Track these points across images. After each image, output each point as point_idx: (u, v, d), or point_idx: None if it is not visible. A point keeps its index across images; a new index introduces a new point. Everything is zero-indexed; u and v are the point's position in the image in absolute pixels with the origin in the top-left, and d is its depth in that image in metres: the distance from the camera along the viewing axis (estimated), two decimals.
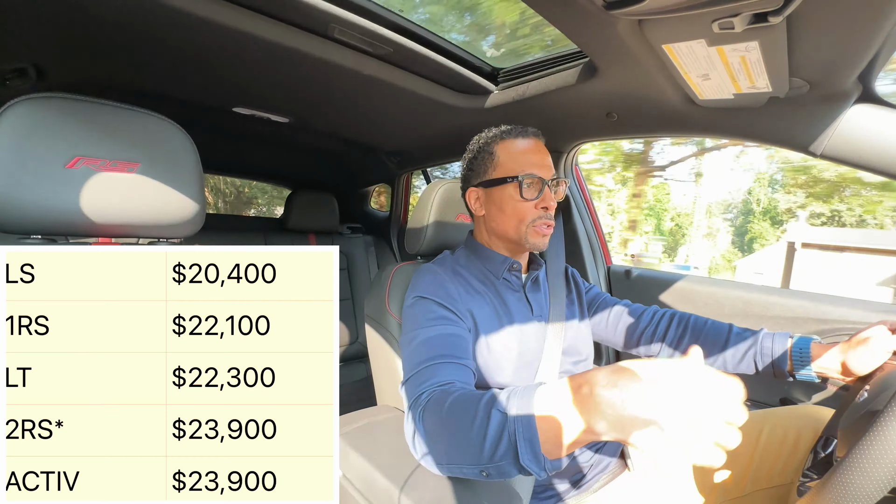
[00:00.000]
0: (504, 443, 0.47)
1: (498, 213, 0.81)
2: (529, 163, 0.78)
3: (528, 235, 0.79)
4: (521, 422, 0.46)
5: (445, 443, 0.53)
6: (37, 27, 0.82)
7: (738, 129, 0.91)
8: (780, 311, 1.01)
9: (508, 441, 0.46)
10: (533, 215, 0.78)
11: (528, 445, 0.45)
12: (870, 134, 0.73)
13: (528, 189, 0.77)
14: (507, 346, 0.75)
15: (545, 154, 0.81)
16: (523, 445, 0.45)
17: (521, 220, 0.79)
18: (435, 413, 0.56)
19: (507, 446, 0.46)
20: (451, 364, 0.64)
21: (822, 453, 0.56)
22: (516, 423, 0.46)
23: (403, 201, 2.14)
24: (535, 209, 0.78)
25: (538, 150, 0.81)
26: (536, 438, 0.45)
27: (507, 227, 0.81)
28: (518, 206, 0.78)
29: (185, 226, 0.71)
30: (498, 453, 0.47)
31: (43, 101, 0.59)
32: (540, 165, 0.79)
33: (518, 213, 0.79)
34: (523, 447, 0.45)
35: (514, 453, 0.46)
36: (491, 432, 0.48)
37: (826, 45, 0.60)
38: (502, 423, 0.47)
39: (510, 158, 0.80)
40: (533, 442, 0.45)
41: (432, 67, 1.01)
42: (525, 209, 0.78)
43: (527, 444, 0.45)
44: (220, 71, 1.02)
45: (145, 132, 0.66)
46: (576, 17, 0.65)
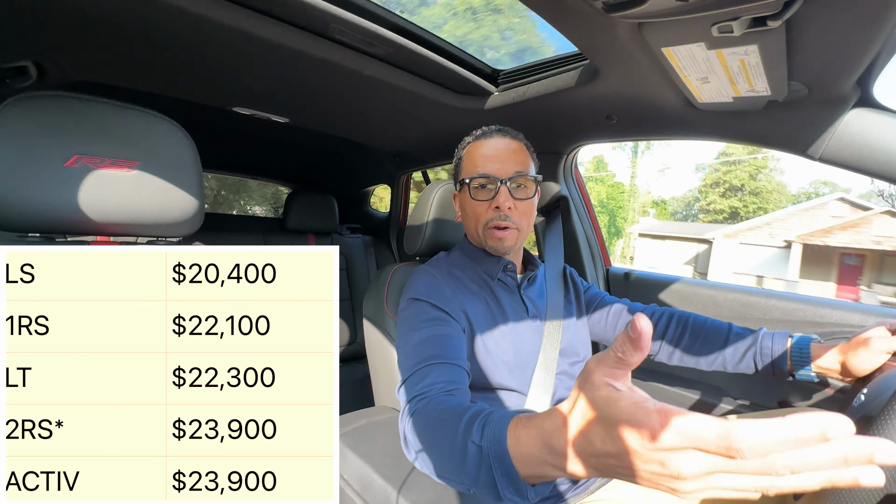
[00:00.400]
0: (484, 475, 0.45)
1: (463, 216, 0.84)
2: (484, 163, 0.78)
3: (487, 239, 0.80)
4: (497, 458, 0.43)
5: (430, 456, 0.53)
6: (37, 25, 0.82)
7: (736, 133, 0.91)
8: (779, 313, 1.02)
9: (488, 475, 0.44)
10: (486, 216, 0.78)
11: (507, 480, 0.43)
12: (868, 138, 0.73)
13: (479, 190, 0.78)
14: (501, 347, 0.75)
15: (510, 151, 0.80)
16: (502, 481, 0.43)
17: (477, 222, 0.79)
18: (420, 425, 0.55)
19: (487, 479, 0.44)
20: (444, 365, 0.64)
21: None
22: (492, 458, 0.44)
23: (403, 202, 2.14)
24: (489, 210, 0.78)
25: (502, 149, 0.80)
26: (515, 473, 0.42)
27: (469, 230, 0.83)
28: (472, 207, 0.79)
29: (185, 225, 0.71)
30: (479, 482, 0.45)
31: (42, 99, 0.59)
32: (497, 164, 0.78)
33: (474, 214, 0.80)
34: (502, 482, 0.43)
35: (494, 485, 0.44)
36: (470, 462, 0.46)
37: (825, 49, 0.61)
38: (478, 455, 0.45)
39: (470, 160, 0.81)
40: (511, 476, 0.42)
41: (432, 68, 1.01)
42: (479, 210, 0.79)
43: (506, 479, 0.43)
44: (220, 70, 1.02)
45: (145, 131, 0.66)
46: (576, 20, 0.66)
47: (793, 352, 0.74)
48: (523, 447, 0.41)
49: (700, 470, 0.27)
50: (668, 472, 0.28)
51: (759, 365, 0.78)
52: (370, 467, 0.68)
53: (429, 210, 0.97)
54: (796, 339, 0.75)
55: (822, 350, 0.71)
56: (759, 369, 0.78)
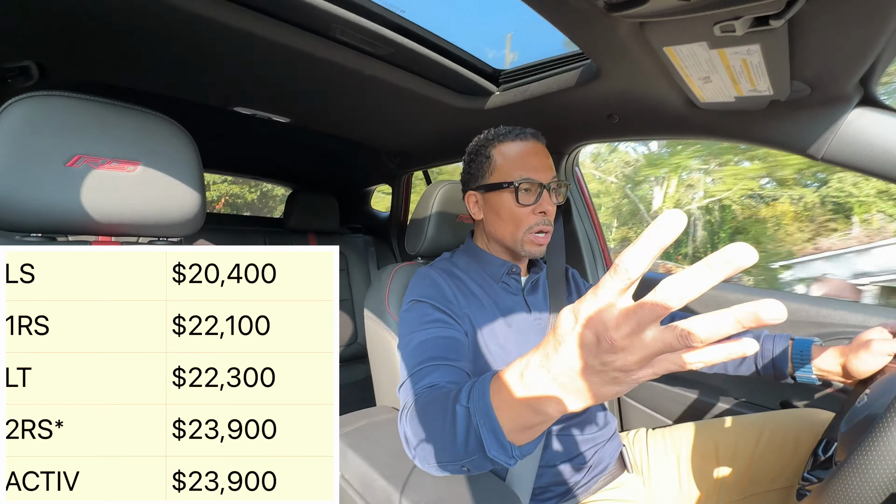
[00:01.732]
0: (472, 437, 0.46)
1: (495, 219, 0.80)
2: (526, 167, 0.77)
3: (524, 244, 0.78)
4: (481, 413, 0.45)
5: (426, 442, 0.53)
6: (39, 26, 0.82)
7: (738, 132, 0.91)
8: None
9: (475, 434, 0.46)
10: (530, 221, 0.77)
11: (492, 436, 0.44)
12: (871, 138, 0.73)
13: (525, 194, 0.76)
14: (504, 349, 0.75)
15: (544, 156, 0.80)
16: (488, 437, 0.45)
17: (517, 227, 0.77)
18: (415, 414, 0.56)
19: (475, 440, 0.46)
20: (445, 367, 0.64)
21: (822, 457, 0.56)
22: (477, 415, 0.46)
23: (404, 202, 2.14)
24: (533, 214, 0.77)
25: (536, 152, 0.79)
26: (499, 427, 0.43)
27: (503, 234, 0.80)
28: (515, 211, 0.77)
29: (185, 225, 0.71)
30: (469, 447, 0.47)
31: (44, 99, 0.59)
32: (538, 168, 0.77)
33: (515, 218, 0.77)
34: (488, 438, 0.45)
35: (482, 446, 0.46)
36: (459, 428, 0.48)
37: (827, 49, 0.60)
38: (465, 417, 0.47)
39: (507, 162, 0.78)
40: (496, 432, 0.44)
41: (433, 68, 1.01)
42: (522, 215, 0.77)
43: (490, 434, 0.44)
44: (220, 70, 1.02)
45: (146, 131, 0.66)
46: (577, 19, 0.65)
47: (793, 354, 0.73)
48: (504, 393, 0.41)
49: (630, 330, 0.29)
50: (613, 349, 0.30)
51: (760, 367, 0.78)
52: (371, 467, 0.68)
53: (430, 210, 0.97)
54: (797, 341, 0.74)
55: (823, 352, 0.70)
56: (759, 372, 0.78)
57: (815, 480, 0.55)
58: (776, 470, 0.72)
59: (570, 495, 0.76)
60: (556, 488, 0.75)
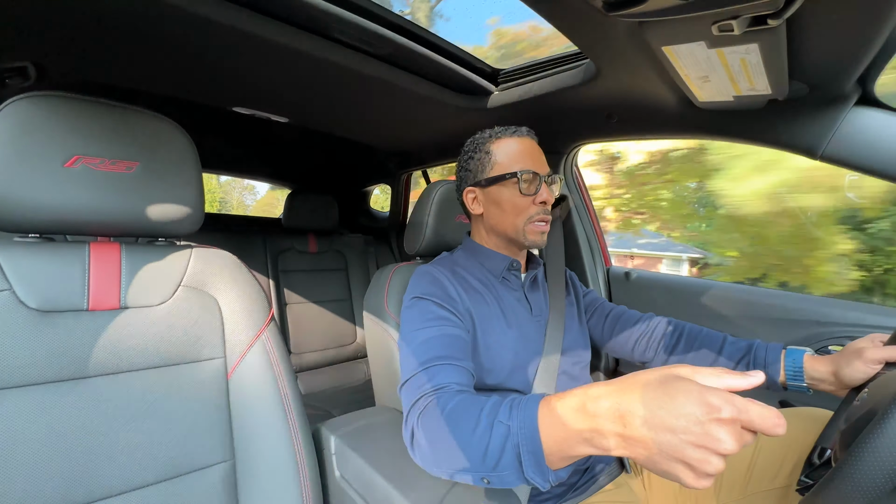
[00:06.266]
0: (508, 455, 0.46)
1: (497, 211, 0.82)
2: (525, 160, 0.80)
3: (527, 233, 0.80)
4: (525, 435, 0.45)
5: (445, 449, 0.52)
6: (37, 26, 0.82)
7: (737, 132, 0.91)
8: (780, 312, 1.02)
9: (513, 453, 0.46)
10: (531, 210, 0.79)
11: (532, 458, 0.45)
12: (869, 137, 0.73)
13: (527, 185, 0.78)
14: (506, 346, 0.75)
15: (539, 152, 0.83)
16: (528, 459, 0.45)
17: (519, 216, 0.80)
18: (434, 418, 0.55)
19: (510, 458, 0.46)
20: (451, 366, 0.63)
21: (817, 462, 0.57)
22: (520, 435, 0.46)
23: (403, 201, 2.14)
24: (534, 205, 0.79)
25: (532, 148, 0.82)
26: (541, 451, 0.44)
27: (506, 225, 0.81)
28: (517, 202, 0.79)
29: (185, 225, 0.71)
30: (501, 464, 0.47)
31: (42, 99, 0.58)
32: (535, 162, 0.80)
33: (517, 209, 0.79)
34: (528, 460, 0.45)
35: (517, 465, 0.46)
36: (493, 443, 0.47)
37: (826, 48, 0.60)
38: (505, 435, 0.47)
39: (507, 156, 0.81)
40: (537, 455, 0.44)
41: (433, 68, 1.01)
42: (524, 205, 0.79)
43: (531, 457, 0.45)
44: (220, 70, 1.02)
45: (144, 131, 0.66)
46: (576, 19, 0.65)
47: (786, 364, 0.74)
48: (555, 418, 0.43)
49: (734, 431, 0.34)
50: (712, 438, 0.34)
51: None
52: (371, 467, 0.67)
53: (429, 210, 0.97)
54: (789, 351, 0.75)
55: (815, 362, 0.71)
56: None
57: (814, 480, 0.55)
58: (776, 469, 0.72)
59: (569, 495, 0.76)
60: (555, 489, 0.75)
